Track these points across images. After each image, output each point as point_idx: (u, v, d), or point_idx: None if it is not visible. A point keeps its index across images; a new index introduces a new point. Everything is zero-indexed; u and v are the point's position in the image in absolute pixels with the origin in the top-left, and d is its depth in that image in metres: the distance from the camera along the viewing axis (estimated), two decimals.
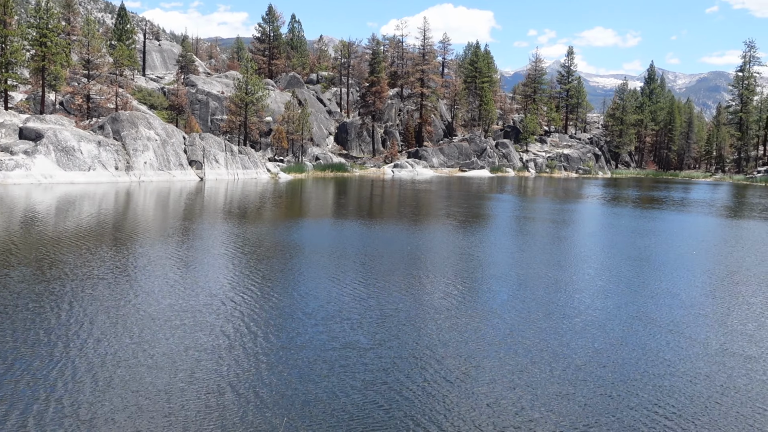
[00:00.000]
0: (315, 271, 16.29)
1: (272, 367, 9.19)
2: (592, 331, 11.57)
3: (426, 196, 44.54)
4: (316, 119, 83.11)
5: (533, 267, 17.96)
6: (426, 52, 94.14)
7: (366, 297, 13.54)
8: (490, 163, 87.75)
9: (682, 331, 11.82)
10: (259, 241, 20.85)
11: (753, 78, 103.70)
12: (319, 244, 21.11)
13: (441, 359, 9.76)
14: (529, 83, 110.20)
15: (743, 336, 11.64)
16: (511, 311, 12.80)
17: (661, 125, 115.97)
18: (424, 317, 12.08)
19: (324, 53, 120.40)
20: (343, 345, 10.27)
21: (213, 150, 54.21)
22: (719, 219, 35.46)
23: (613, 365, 9.80)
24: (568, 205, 41.69)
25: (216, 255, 18.14)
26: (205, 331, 10.73)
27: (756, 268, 18.96)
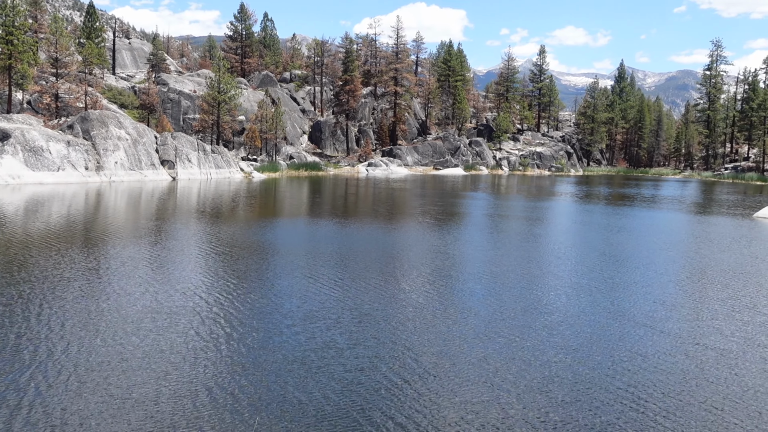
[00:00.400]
0: (290, 270, 16.20)
1: (248, 368, 9.11)
2: (568, 328, 11.68)
3: (401, 195, 44.60)
4: (290, 118, 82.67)
5: (508, 264, 18.07)
6: (399, 50, 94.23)
7: (342, 296, 13.50)
8: (464, 161, 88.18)
9: (656, 326, 12.00)
10: (234, 241, 20.67)
11: (720, 77, 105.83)
12: (294, 244, 21.00)
13: (419, 358, 9.76)
14: (501, 82, 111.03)
15: (715, 330, 11.85)
16: (487, 309, 12.87)
17: (632, 123, 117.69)
18: (401, 316, 12.08)
19: (297, 52, 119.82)
20: (320, 345, 10.22)
21: (185, 149, 53.62)
22: (689, 215, 36.09)
23: (590, 361, 9.90)
24: (541, 202, 42.08)
25: (190, 256, 17.93)
26: (180, 333, 10.60)
27: (726, 264, 19.33)
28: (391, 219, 29.47)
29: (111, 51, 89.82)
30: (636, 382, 9.07)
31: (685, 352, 10.55)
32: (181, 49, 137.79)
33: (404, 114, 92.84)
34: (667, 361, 10.05)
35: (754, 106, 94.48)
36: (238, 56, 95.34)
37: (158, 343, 10.05)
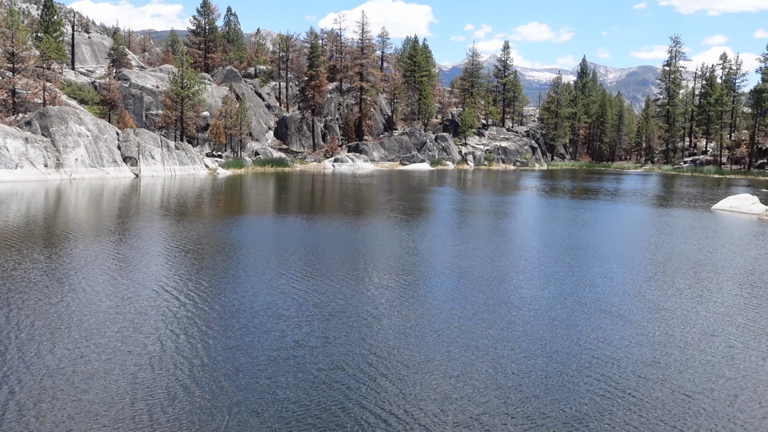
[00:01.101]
0: (259, 268, 16.06)
1: (218, 369, 9.00)
2: (538, 321, 11.82)
3: (368, 190, 44.58)
4: (255, 114, 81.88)
5: (476, 259, 18.21)
6: (365, 46, 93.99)
7: (312, 294, 13.44)
8: (430, 156, 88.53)
9: (625, 316, 12.23)
10: (200, 239, 20.40)
11: (679, 72, 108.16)
12: (262, 241, 20.83)
13: (391, 355, 9.77)
14: (466, 77, 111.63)
15: (680, 320, 12.12)
16: (457, 304, 12.95)
17: (594, 118, 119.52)
18: (372, 313, 12.07)
19: (262, 47, 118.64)
20: (292, 344, 10.15)
21: (148, 146, 52.70)
22: (651, 209, 36.86)
23: (562, 351, 10.03)
24: (507, 197, 42.50)
25: (155, 254, 17.64)
26: (148, 335, 10.42)
27: (688, 256, 19.80)
28: (358, 215, 29.44)
29: (70, 45, 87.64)
30: (607, 371, 9.22)
31: (652, 340, 10.78)
32: (143, 43, 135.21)
33: (370, 109, 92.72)
34: (635, 350, 10.26)
35: (712, 101, 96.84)
36: (201, 51, 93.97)
37: (126, 346, 9.86)
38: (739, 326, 11.88)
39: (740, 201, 35.95)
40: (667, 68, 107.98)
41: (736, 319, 12.36)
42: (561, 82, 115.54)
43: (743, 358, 10.14)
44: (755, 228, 27.89)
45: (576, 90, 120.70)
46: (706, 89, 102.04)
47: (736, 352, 10.38)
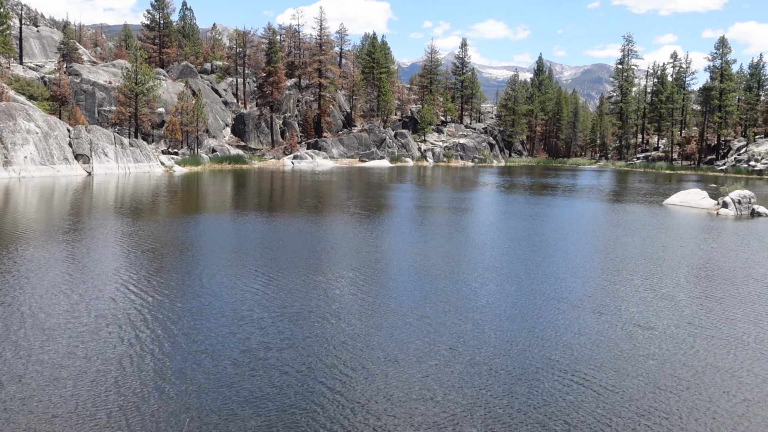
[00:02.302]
0: (220, 269, 15.83)
1: (180, 374, 8.84)
2: (502, 317, 11.94)
3: (327, 188, 44.40)
4: (212, 110, 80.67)
5: (439, 256, 18.31)
6: (323, 42, 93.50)
7: (276, 294, 13.31)
8: (390, 153, 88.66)
9: (589, 307, 12.47)
10: (157, 239, 20.00)
11: (631, 70, 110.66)
12: (221, 240, 20.54)
13: (356, 356, 9.73)
14: (425, 74, 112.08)
15: (641, 309, 12.41)
16: (423, 302, 13.00)
17: (550, 115, 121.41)
18: (335, 313, 12.01)
19: (218, 42, 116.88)
20: (257, 346, 10.03)
21: (101, 143, 51.43)
22: (606, 204, 37.65)
23: (531, 347, 10.16)
24: (466, 193, 42.85)
25: (112, 255, 17.23)
26: (108, 339, 10.17)
27: (641, 250, 20.28)
28: (319, 212, 29.29)
29: (17, 39, 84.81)
30: (577, 360, 9.39)
31: (616, 330, 11.01)
32: (95, 38, 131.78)
33: (329, 106, 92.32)
34: (603, 340, 10.47)
35: (663, 99, 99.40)
36: (156, 46, 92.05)
37: (84, 350, 9.60)
38: (686, 316, 12.23)
39: (690, 196, 37.01)
40: (620, 66, 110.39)
41: (684, 311, 12.72)
42: (518, 80, 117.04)
43: (688, 345, 10.44)
44: (705, 222, 28.75)
45: (533, 87, 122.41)
46: (657, 87, 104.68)
47: (681, 340, 10.69)
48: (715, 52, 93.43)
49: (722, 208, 32.69)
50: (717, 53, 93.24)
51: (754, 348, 10.60)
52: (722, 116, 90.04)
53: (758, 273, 16.99)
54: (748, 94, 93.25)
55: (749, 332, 11.48)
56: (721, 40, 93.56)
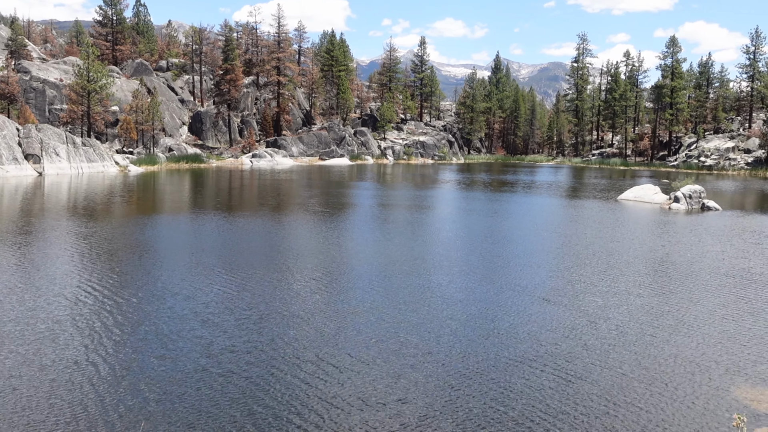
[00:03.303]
0: (180, 271, 15.54)
1: (141, 380, 8.63)
2: (472, 312, 12.02)
3: (288, 186, 44.07)
4: (168, 108, 79.23)
5: (402, 254, 18.33)
6: (281, 39, 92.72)
7: (239, 297, 13.11)
8: (350, 151, 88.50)
9: (556, 300, 12.64)
10: (114, 241, 19.54)
11: (586, 68, 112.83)
12: (180, 242, 20.19)
13: (326, 359, 9.60)
14: (384, 72, 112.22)
15: (601, 302, 12.66)
16: (389, 302, 12.99)
17: (508, 112, 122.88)
18: (302, 315, 11.88)
19: (173, 39, 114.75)
20: (219, 351, 9.84)
21: (52, 142, 50.01)
22: (564, 200, 38.29)
23: (501, 342, 10.24)
24: (427, 191, 43.06)
25: (66, 258, 16.75)
26: (63, 345, 9.88)
27: (600, 244, 20.69)
28: (279, 212, 29.04)
29: None
30: (547, 352, 9.51)
31: (581, 321, 11.19)
32: (45, 34, 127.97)
33: (288, 104, 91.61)
34: (569, 331, 10.63)
35: (617, 96, 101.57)
36: (108, 43, 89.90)
37: (39, 358, 9.31)
38: (642, 307, 12.52)
39: (644, 191, 37.91)
40: (576, 65, 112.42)
41: (641, 302, 13.02)
42: (476, 78, 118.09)
43: (648, 335, 10.69)
44: (657, 217, 29.49)
45: (490, 85, 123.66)
46: (611, 85, 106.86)
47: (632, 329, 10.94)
48: (666, 51, 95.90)
49: (674, 203, 33.57)
50: (668, 52, 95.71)
51: (709, 336, 10.91)
52: (673, 113, 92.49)
53: (710, 266, 17.50)
54: (698, 91, 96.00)
55: (703, 321, 11.80)
56: (672, 39, 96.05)
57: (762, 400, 8.42)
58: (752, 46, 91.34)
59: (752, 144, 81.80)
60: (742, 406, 8.22)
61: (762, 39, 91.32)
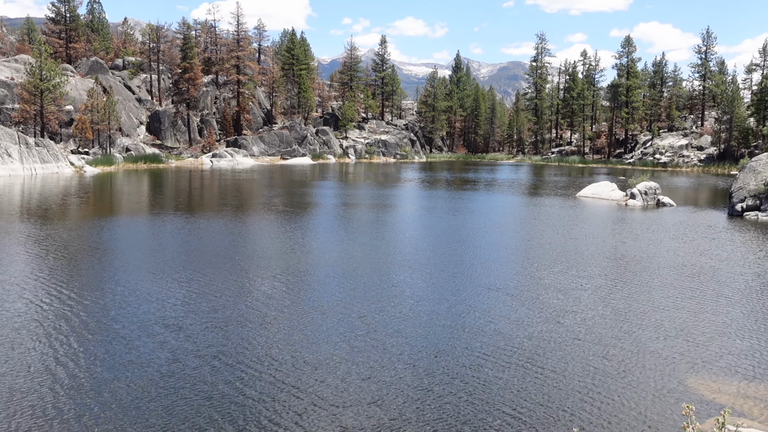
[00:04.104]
0: (140, 275, 15.25)
1: (103, 388, 8.44)
2: (439, 310, 12.08)
3: (249, 187, 43.65)
4: (125, 108, 77.68)
5: (367, 254, 18.33)
6: (241, 38, 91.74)
7: (202, 300, 12.92)
8: (312, 150, 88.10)
9: (520, 296, 12.79)
10: (70, 244, 19.06)
11: (545, 68, 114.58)
12: (140, 245, 19.81)
13: (294, 362, 9.51)
14: (345, 71, 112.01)
15: (562, 295, 12.87)
16: (355, 302, 12.97)
17: (469, 111, 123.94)
18: (268, 318, 11.75)
19: (130, 37, 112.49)
20: (184, 356, 9.67)
21: (4, 143, 48.56)
22: (524, 198, 38.81)
23: (471, 338, 10.32)
24: (390, 190, 43.14)
25: (21, 264, 16.28)
26: (23, 353, 9.60)
27: (560, 241, 21.04)
28: (241, 212, 28.74)
29: None
30: (516, 347, 9.62)
31: (545, 317, 11.36)
32: None
33: (248, 103, 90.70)
34: (535, 327, 10.77)
35: (574, 95, 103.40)
36: (62, 41, 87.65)
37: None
38: (602, 301, 12.79)
39: (601, 188, 38.69)
40: (534, 64, 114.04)
41: (601, 296, 13.30)
42: (437, 77, 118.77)
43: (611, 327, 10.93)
44: (615, 213, 30.12)
45: (451, 84, 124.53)
46: (569, 84, 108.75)
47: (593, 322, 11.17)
48: (622, 51, 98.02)
49: (630, 200, 34.34)
50: (623, 51, 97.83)
51: (665, 329, 11.20)
52: (629, 112, 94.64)
53: (666, 261, 17.95)
54: (653, 90, 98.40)
55: (659, 315, 12.11)
56: (627, 39, 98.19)
57: (716, 390, 8.69)
58: (704, 47, 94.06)
59: (705, 141, 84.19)
60: (697, 396, 8.47)
61: (713, 39, 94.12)
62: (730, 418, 7.65)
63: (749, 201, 29.39)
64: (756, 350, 10.35)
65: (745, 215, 28.88)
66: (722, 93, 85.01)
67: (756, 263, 17.91)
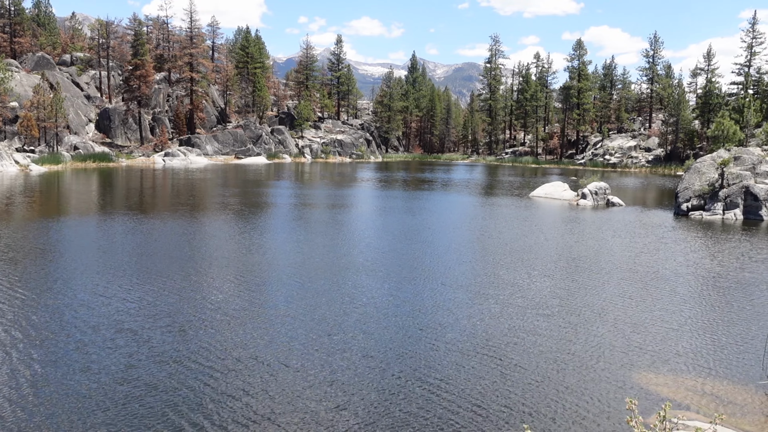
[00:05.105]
0: (93, 278, 14.85)
1: (55, 395, 8.21)
2: (402, 310, 12.12)
3: (203, 186, 42.99)
4: (73, 105, 75.54)
5: (325, 255, 18.27)
6: (194, 35, 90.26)
7: (159, 304, 12.66)
8: (267, 149, 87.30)
9: (477, 290, 12.94)
10: (15, 246, 18.43)
11: (499, 69, 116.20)
12: (90, 247, 19.29)
13: (250, 367, 9.39)
14: (301, 70, 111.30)
15: (517, 290, 13.09)
16: (313, 306, 12.91)
17: (424, 111, 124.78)
18: (227, 322, 11.57)
19: (78, 32, 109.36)
20: (139, 362, 9.47)
21: None
22: (479, 198, 39.27)
23: (437, 337, 10.38)
24: (346, 190, 43.08)
25: None
26: None
27: (513, 240, 21.37)
28: (195, 213, 28.28)
29: None
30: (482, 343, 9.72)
31: (509, 311, 11.53)
32: None
33: (202, 101, 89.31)
34: (497, 322, 10.92)
35: (528, 97, 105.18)
36: (6, 35, 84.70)
37: None
38: (546, 300, 13.07)
39: (553, 188, 39.45)
40: (489, 65, 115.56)
41: (546, 294, 13.58)
42: (393, 77, 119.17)
43: (568, 322, 11.17)
44: (566, 213, 30.77)
45: (407, 84, 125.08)
46: (522, 86, 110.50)
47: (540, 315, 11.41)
48: (573, 54, 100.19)
49: (581, 199, 35.13)
50: (575, 54, 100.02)
51: (614, 325, 11.50)
52: (580, 113, 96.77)
53: (616, 260, 18.44)
54: (603, 92, 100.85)
55: (608, 311, 12.43)
56: (578, 42, 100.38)
57: (660, 384, 8.98)
58: (651, 51, 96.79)
59: (652, 143, 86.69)
60: (644, 390, 8.73)
61: (660, 44, 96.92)
62: (672, 411, 7.93)
63: (694, 201, 30.41)
64: (699, 346, 10.73)
65: (690, 215, 29.88)
66: (669, 96, 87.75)
67: (700, 262, 18.55)
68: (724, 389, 8.87)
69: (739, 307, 13.25)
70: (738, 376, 9.39)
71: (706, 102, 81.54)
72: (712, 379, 9.23)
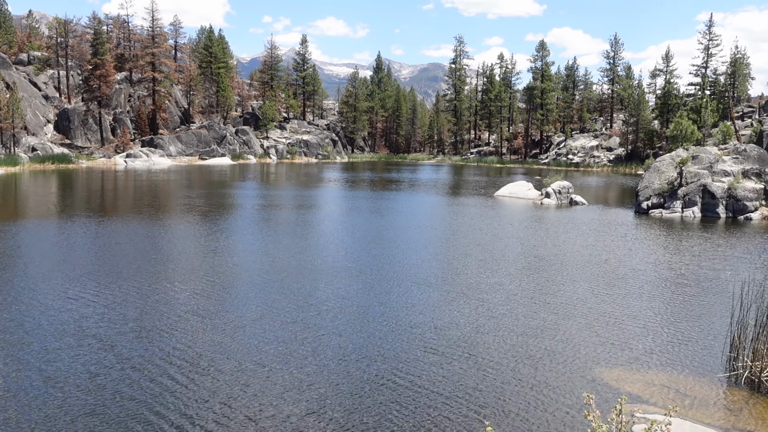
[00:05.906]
0: (53, 283, 14.52)
1: (14, 408, 8.01)
2: (373, 311, 12.13)
3: (166, 188, 42.38)
4: (30, 105, 73.71)
5: (293, 257, 18.18)
6: (156, 34, 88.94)
7: (122, 310, 12.44)
8: (231, 150, 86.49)
9: (443, 287, 13.02)
10: None
11: (463, 70, 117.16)
12: (49, 251, 18.85)
13: (218, 372, 9.28)
14: (266, 70, 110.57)
15: (485, 287, 13.22)
16: (282, 309, 12.83)
17: (390, 112, 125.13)
18: (191, 327, 11.40)
19: (35, 31, 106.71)
20: (104, 370, 9.30)
21: None
22: (445, 198, 39.54)
23: (409, 338, 10.41)
24: (312, 190, 42.95)
25: None
26: None
27: (479, 239, 21.58)
28: (158, 215, 27.87)
29: None
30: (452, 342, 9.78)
31: (478, 310, 11.63)
32: None
33: (164, 101, 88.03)
34: (467, 320, 11.00)
35: (492, 97, 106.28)
36: None
37: None
38: (512, 298, 13.26)
39: (518, 188, 39.94)
40: (454, 66, 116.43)
41: (512, 293, 13.77)
42: (358, 77, 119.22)
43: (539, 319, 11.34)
44: (531, 212, 31.19)
45: (373, 85, 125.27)
46: (487, 86, 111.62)
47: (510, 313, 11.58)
48: (537, 55, 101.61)
49: (545, 198, 35.64)
50: (538, 55, 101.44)
51: (577, 322, 11.71)
52: (544, 114, 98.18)
53: (579, 256, 18.77)
54: (565, 93, 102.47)
55: (572, 309, 12.66)
56: (541, 43, 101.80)
57: (621, 379, 9.19)
58: (612, 52, 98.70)
59: (614, 142, 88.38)
60: (604, 384, 8.93)
61: (620, 45, 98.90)
62: (632, 405, 8.14)
63: (654, 199, 31.12)
64: (660, 341, 11.00)
65: (650, 213, 30.57)
66: (629, 97, 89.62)
67: (661, 258, 19.00)
68: (684, 383, 9.12)
69: (699, 303, 13.62)
70: (699, 370, 9.65)
71: (665, 102, 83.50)
72: (673, 373, 9.47)
